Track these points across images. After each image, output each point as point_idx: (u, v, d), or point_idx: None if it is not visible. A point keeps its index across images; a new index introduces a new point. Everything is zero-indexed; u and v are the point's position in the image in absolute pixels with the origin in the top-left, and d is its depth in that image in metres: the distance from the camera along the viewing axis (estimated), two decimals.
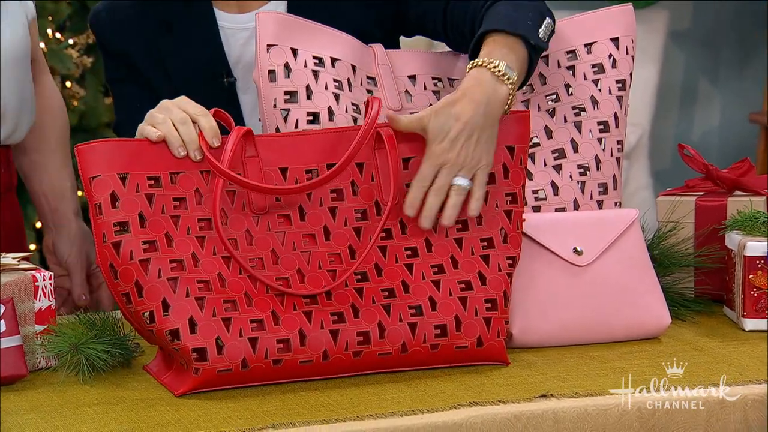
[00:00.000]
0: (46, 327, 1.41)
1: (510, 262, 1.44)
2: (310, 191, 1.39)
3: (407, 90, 1.61)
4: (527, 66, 1.51)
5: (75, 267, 1.78)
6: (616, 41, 1.66)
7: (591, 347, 1.48)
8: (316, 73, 1.55)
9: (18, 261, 1.43)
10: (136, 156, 1.36)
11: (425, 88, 1.62)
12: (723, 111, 4.64)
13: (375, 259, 1.40)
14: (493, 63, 1.44)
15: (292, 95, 1.54)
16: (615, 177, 1.65)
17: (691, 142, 4.06)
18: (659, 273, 1.60)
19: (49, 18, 3.10)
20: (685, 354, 1.46)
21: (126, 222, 1.34)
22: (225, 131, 1.40)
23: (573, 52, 1.65)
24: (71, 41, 3.17)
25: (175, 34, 1.69)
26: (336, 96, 1.55)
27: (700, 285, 1.65)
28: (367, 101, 1.42)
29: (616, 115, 1.64)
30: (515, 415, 1.27)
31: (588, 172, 1.62)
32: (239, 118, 1.70)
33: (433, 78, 1.63)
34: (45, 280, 1.41)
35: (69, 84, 3.16)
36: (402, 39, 1.77)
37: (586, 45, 1.65)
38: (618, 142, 1.65)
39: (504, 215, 1.44)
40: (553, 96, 1.64)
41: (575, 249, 1.51)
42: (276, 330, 1.33)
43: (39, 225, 3.05)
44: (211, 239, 1.36)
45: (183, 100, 1.41)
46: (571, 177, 1.61)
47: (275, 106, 1.54)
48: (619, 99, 1.65)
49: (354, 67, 1.58)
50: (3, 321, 1.34)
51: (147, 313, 1.33)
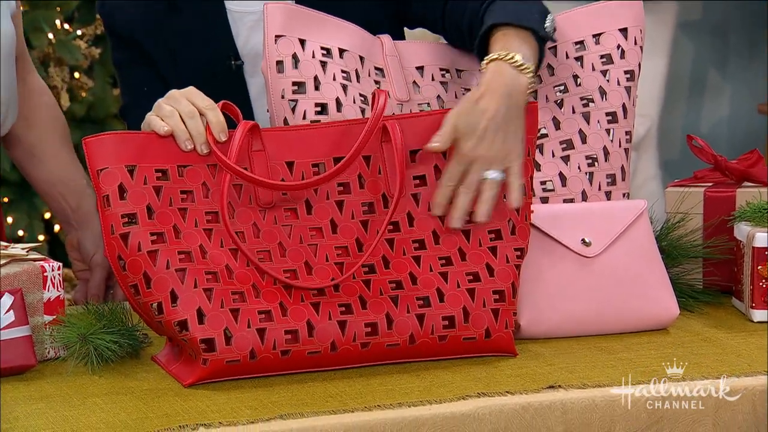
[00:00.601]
0: (54, 317, 1.41)
1: (518, 253, 1.44)
2: (316, 187, 1.39)
3: (415, 81, 1.61)
4: (538, 57, 1.51)
5: (98, 267, 1.76)
6: (624, 32, 1.65)
7: (599, 338, 1.48)
8: (324, 64, 1.55)
9: (27, 251, 1.43)
10: (143, 149, 1.36)
11: (433, 79, 1.61)
12: (732, 102, 4.62)
13: (382, 252, 1.40)
14: (510, 55, 1.45)
15: (300, 86, 1.54)
16: (623, 168, 1.64)
17: (700, 133, 4.05)
18: (668, 264, 1.59)
19: (58, 9, 3.10)
20: (693, 345, 1.45)
21: (134, 214, 1.34)
22: (233, 124, 1.40)
23: (581, 42, 1.64)
24: (79, 32, 3.17)
25: (183, 16, 1.69)
26: (344, 87, 1.55)
27: (708, 276, 1.65)
28: (374, 94, 1.42)
29: (624, 106, 1.64)
30: (523, 406, 1.27)
31: (596, 163, 1.62)
32: (246, 101, 1.70)
33: (441, 69, 1.62)
34: (54, 270, 1.41)
35: (77, 75, 3.17)
36: (409, 31, 1.77)
37: (594, 35, 1.64)
38: (626, 132, 1.64)
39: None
40: (561, 87, 1.63)
41: (583, 240, 1.51)
42: (284, 321, 1.34)
43: (48, 216, 3.06)
44: (219, 232, 1.36)
45: (192, 91, 1.41)
46: (580, 168, 1.61)
47: (283, 96, 1.54)
48: (628, 90, 1.65)
49: (362, 58, 1.58)
50: (12, 311, 1.35)
51: (155, 304, 1.33)
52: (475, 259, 1.42)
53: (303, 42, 1.55)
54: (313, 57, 1.55)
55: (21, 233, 3.02)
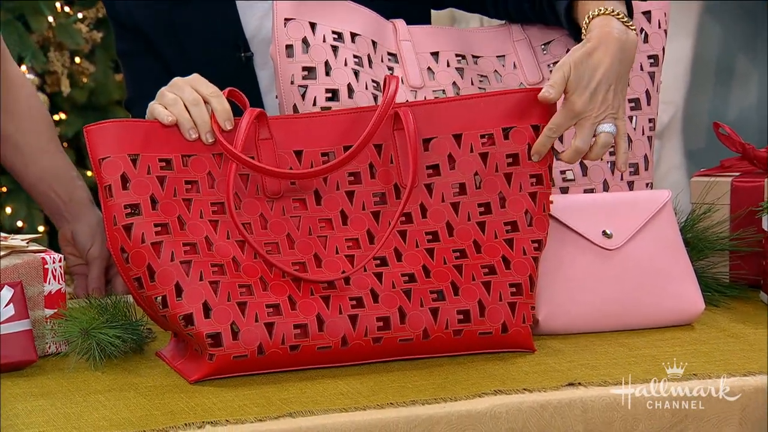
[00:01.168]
0: (56, 311, 1.42)
1: (536, 245, 1.44)
2: (325, 175, 1.40)
3: (429, 67, 1.61)
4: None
5: (96, 260, 1.76)
6: (648, 14, 1.65)
7: (621, 334, 1.49)
8: (335, 49, 1.55)
9: (27, 243, 1.44)
10: (147, 137, 1.37)
11: (448, 65, 1.62)
12: (761, 87, 4.60)
13: (395, 244, 1.40)
14: (617, 10, 1.46)
15: (310, 71, 1.55)
16: (646, 157, 1.64)
17: (727, 120, 4.03)
18: (693, 257, 1.60)
19: None
20: (719, 341, 1.46)
21: (137, 204, 1.35)
22: (239, 111, 1.41)
23: None
24: (80, 15, 3.18)
25: (190, 6, 1.70)
26: (356, 72, 1.55)
27: (735, 269, 1.65)
28: (385, 79, 1.43)
29: (648, 92, 1.64)
30: (541, 405, 1.27)
31: None
32: (256, 94, 1.71)
33: (457, 55, 1.63)
34: (55, 262, 1.42)
35: (78, 60, 3.18)
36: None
37: None
38: (650, 120, 1.64)
39: (528, 197, 1.45)
40: None
41: (605, 232, 1.51)
42: (293, 315, 1.34)
43: None
44: (225, 223, 1.37)
45: (196, 78, 1.41)
46: (601, 157, 1.61)
47: (293, 82, 1.54)
48: (651, 75, 1.65)
49: (374, 43, 1.59)
50: (12, 304, 1.36)
51: (159, 298, 1.34)
52: (491, 252, 1.42)
53: (313, 25, 1.55)
54: (324, 41, 1.55)
55: (20, 224, 3.03)
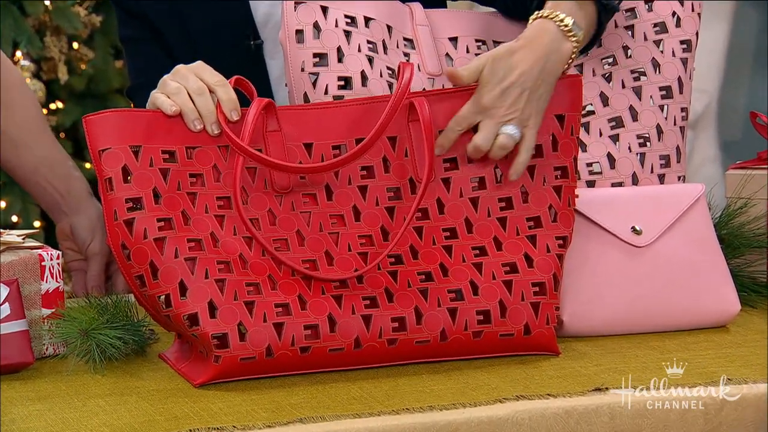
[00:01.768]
0: (54, 311, 1.43)
1: (560, 242, 1.44)
2: (337, 169, 1.40)
3: (448, 53, 1.61)
4: (595, 27, 1.51)
5: (96, 256, 1.76)
6: None
7: (650, 336, 1.49)
8: (348, 34, 1.56)
9: (23, 238, 1.45)
10: (149, 128, 1.37)
11: (468, 51, 1.62)
12: None
13: (410, 241, 1.41)
14: (560, 16, 1.45)
15: (321, 58, 1.55)
16: (678, 148, 1.64)
17: (765, 109, 4.02)
18: (728, 255, 1.60)
19: None
20: (756, 345, 1.45)
21: (139, 198, 1.36)
22: (246, 101, 1.41)
23: (632, 10, 1.64)
24: None
25: None
26: (370, 59, 1.56)
27: None
28: (399, 66, 1.43)
29: (680, 80, 1.64)
30: (566, 411, 1.27)
31: (648, 142, 1.62)
32: (266, 84, 1.71)
33: (477, 41, 1.63)
34: (52, 259, 1.43)
35: (76, 45, 3.19)
36: (451, 2, 1.77)
37: (646, 2, 1.64)
38: (682, 109, 1.64)
39: (552, 191, 1.45)
40: (610, 59, 1.63)
41: (634, 228, 1.51)
42: (303, 315, 1.35)
43: None
44: (231, 218, 1.37)
45: (200, 66, 1.42)
46: (630, 148, 1.61)
47: (303, 69, 1.55)
48: (684, 61, 1.64)
49: (390, 28, 1.59)
50: (7, 304, 1.37)
51: (163, 297, 1.35)
52: (513, 249, 1.42)
53: (325, 9, 1.56)
54: (336, 26, 1.55)
55: (15, 219, 3.04)
